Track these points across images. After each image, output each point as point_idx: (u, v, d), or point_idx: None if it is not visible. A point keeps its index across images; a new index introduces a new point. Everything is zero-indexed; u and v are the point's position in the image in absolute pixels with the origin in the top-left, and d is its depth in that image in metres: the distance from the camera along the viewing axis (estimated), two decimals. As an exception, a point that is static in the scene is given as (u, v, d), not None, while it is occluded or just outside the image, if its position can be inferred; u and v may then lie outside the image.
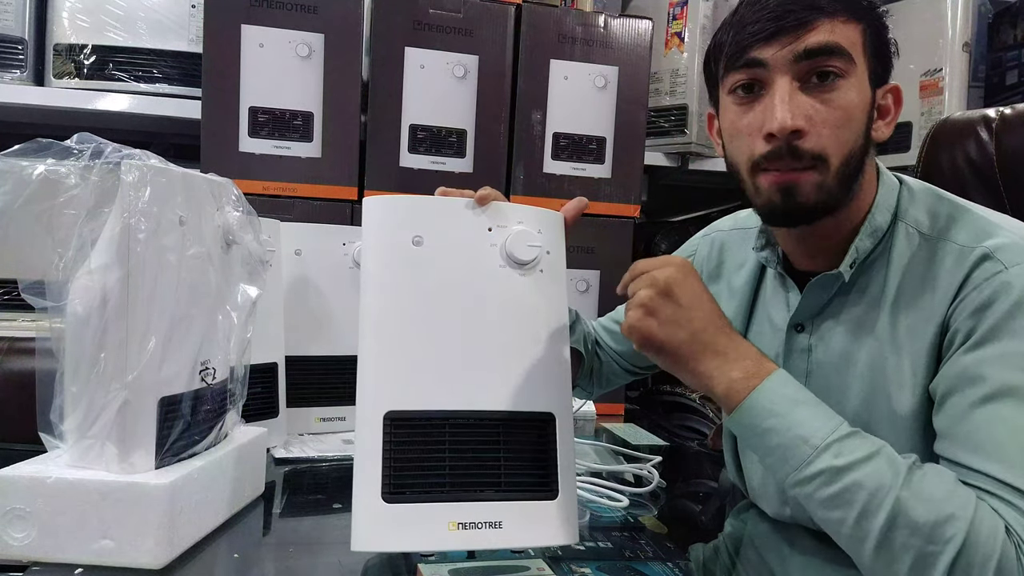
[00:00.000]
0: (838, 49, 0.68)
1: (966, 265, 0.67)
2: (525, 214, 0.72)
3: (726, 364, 0.66)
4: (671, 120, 1.75)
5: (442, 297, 0.67)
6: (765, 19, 0.69)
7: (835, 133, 0.69)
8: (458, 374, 0.67)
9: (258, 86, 1.38)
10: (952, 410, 0.65)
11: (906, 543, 0.59)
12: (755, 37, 0.69)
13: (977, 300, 0.66)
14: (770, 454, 0.65)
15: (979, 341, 0.65)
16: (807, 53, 0.68)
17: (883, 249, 0.74)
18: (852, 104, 0.69)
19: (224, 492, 0.75)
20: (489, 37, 1.49)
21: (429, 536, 0.63)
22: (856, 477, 0.61)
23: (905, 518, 0.59)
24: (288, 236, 1.09)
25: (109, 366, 0.64)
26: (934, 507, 0.59)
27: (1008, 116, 0.99)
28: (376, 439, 0.63)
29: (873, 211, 0.74)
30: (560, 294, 0.72)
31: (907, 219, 0.74)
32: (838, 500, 0.61)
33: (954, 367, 0.66)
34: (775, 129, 0.68)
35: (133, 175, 0.65)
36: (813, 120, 0.68)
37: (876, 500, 0.60)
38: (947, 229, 0.71)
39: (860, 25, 0.70)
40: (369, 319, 0.66)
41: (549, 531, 0.67)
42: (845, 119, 0.69)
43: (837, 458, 0.62)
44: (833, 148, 0.69)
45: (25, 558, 0.64)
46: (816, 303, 0.77)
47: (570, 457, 0.69)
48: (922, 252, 0.71)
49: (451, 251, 0.69)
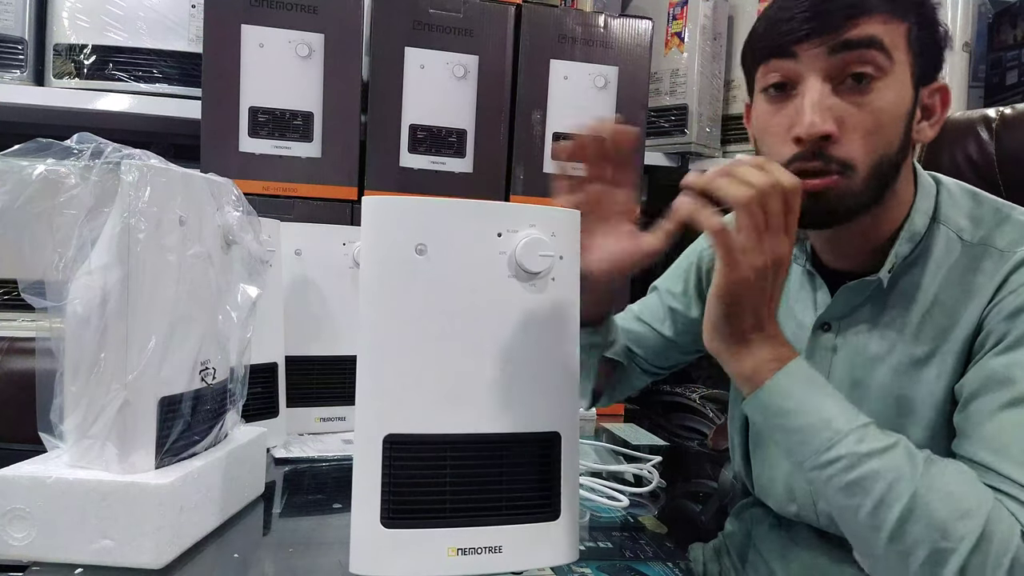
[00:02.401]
0: (877, 43, 0.66)
1: (1005, 268, 0.66)
2: (538, 215, 0.68)
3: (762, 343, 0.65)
4: (671, 120, 1.75)
5: (446, 312, 0.65)
6: (801, 16, 0.67)
7: (866, 139, 0.67)
8: (461, 394, 0.65)
9: (258, 86, 1.38)
10: (977, 411, 0.64)
11: (921, 537, 0.58)
12: (790, 35, 0.67)
13: (1013, 304, 0.65)
14: (791, 435, 0.64)
15: (1011, 345, 0.64)
16: (845, 44, 0.65)
17: (920, 252, 0.72)
18: (888, 107, 0.67)
19: (224, 492, 0.75)
20: (489, 37, 1.49)
21: (428, 562, 0.63)
22: (875, 465, 0.60)
23: (922, 511, 0.58)
24: (288, 236, 1.09)
25: (109, 366, 0.64)
26: (951, 502, 0.58)
27: (1008, 116, 0.98)
28: (375, 462, 0.62)
29: (912, 215, 0.72)
30: (572, 304, 0.69)
31: (947, 223, 0.72)
32: (856, 487, 0.60)
33: (983, 369, 0.65)
34: (803, 133, 0.66)
35: (133, 175, 0.65)
36: (844, 124, 0.66)
37: (894, 491, 0.59)
38: (989, 235, 0.69)
39: (904, 24, 0.67)
40: (369, 335, 0.64)
41: (550, 552, 0.66)
42: (878, 124, 0.67)
43: (860, 444, 0.60)
44: (862, 155, 0.67)
45: (25, 558, 0.64)
46: (848, 305, 0.75)
47: (574, 474, 0.68)
48: (963, 259, 0.70)
49: (456, 261, 0.65)
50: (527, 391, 0.67)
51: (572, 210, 0.71)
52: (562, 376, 0.68)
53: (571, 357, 0.69)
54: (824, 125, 0.66)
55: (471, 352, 0.65)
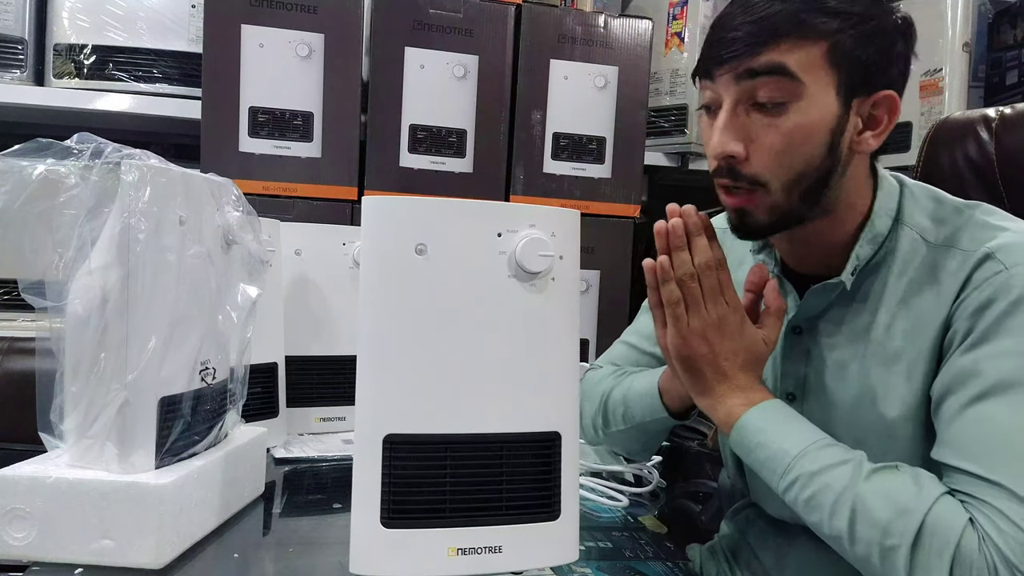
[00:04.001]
0: (781, 69, 0.67)
1: (968, 266, 0.68)
2: (538, 215, 0.68)
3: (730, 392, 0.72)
4: (671, 120, 1.75)
5: (446, 312, 0.65)
6: (720, 41, 0.70)
7: (777, 157, 0.69)
8: (461, 394, 0.65)
9: (258, 86, 1.38)
10: (947, 411, 0.66)
11: (869, 538, 0.62)
12: (709, 60, 0.71)
13: (977, 300, 0.66)
14: (761, 467, 0.70)
15: (977, 340, 0.65)
16: (748, 72, 0.68)
17: (885, 254, 0.74)
18: (801, 127, 0.68)
19: (224, 492, 0.75)
20: (489, 37, 1.49)
21: (428, 562, 0.63)
22: (825, 480, 0.65)
23: (864, 514, 0.62)
24: (288, 236, 1.09)
25: (109, 366, 0.64)
26: (889, 502, 0.62)
27: (1008, 116, 0.98)
28: (375, 462, 0.62)
29: (873, 217, 0.73)
30: (572, 303, 0.69)
31: (911, 224, 0.73)
32: (813, 503, 0.65)
33: (952, 368, 0.66)
34: (711, 154, 0.72)
35: (133, 175, 0.65)
36: (754, 144, 0.70)
37: (841, 500, 0.63)
38: (952, 236, 0.71)
39: (821, 43, 0.67)
40: (369, 335, 0.64)
41: (550, 552, 0.66)
42: (789, 143, 0.69)
43: (812, 464, 0.66)
44: (772, 173, 0.70)
45: (25, 558, 0.64)
46: (815, 308, 0.77)
47: (574, 474, 0.68)
48: (927, 260, 0.71)
49: (456, 261, 0.65)
50: (527, 391, 0.67)
51: (572, 210, 0.71)
52: (562, 376, 0.68)
53: (571, 357, 0.69)
54: (726, 147, 0.70)
55: (471, 352, 0.65)
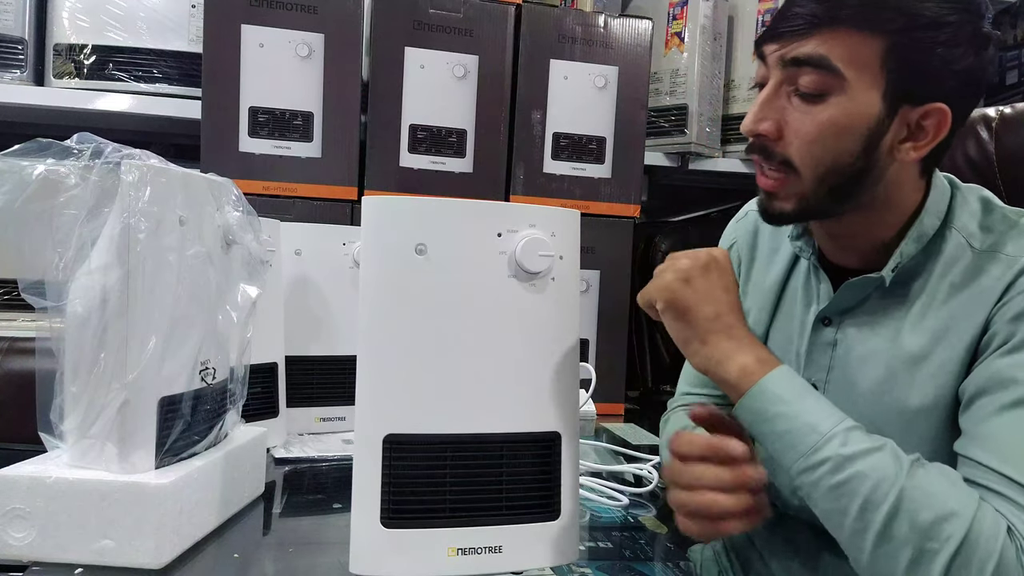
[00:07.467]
0: (823, 63, 0.66)
1: (1012, 272, 0.67)
2: (538, 215, 0.68)
3: (740, 349, 0.68)
4: (671, 120, 1.75)
5: (446, 312, 0.65)
6: (782, 14, 0.70)
7: (808, 147, 0.69)
8: (461, 394, 0.65)
9: (258, 86, 1.38)
10: (979, 410, 0.65)
11: (906, 537, 0.59)
12: (766, 33, 0.71)
13: (1019, 306, 0.66)
14: (778, 440, 0.65)
15: (1016, 346, 0.65)
16: (793, 60, 0.68)
17: (929, 255, 0.72)
18: (836, 121, 0.67)
19: (224, 492, 0.75)
20: (489, 37, 1.49)
21: (428, 562, 0.63)
22: (861, 467, 0.61)
23: (907, 512, 0.59)
24: (288, 236, 1.09)
25: (109, 366, 0.64)
26: (936, 503, 0.59)
27: (1008, 116, 0.98)
28: (375, 462, 0.62)
29: (922, 216, 0.72)
30: (572, 303, 0.69)
31: (959, 228, 0.72)
32: (843, 489, 0.61)
33: (987, 370, 0.66)
34: (743, 129, 0.72)
35: (133, 175, 0.65)
36: (787, 128, 0.69)
37: (880, 491, 0.60)
38: (998, 242, 0.70)
39: (880, 38, 0.66)
40: (368, 335, 0.64)
41: (550, 552, 0.66)
42: (820, 135, 0.68)
43: (844, 447, 0.62)
44: (803, 160, 0.69)
45: (25, 558, 0.64)
46: (849, 301, 0.76)
47: (574, 474, 0.68)
48: (971, 265, 0.70)
49: (456, 260, 0.65)
50: (527, 391, 0.67)
51: (572, 210, 0.72)
52: (562, 376, 0.68)
53: (571, 357, 0.69)
54: (758, 125, 0.70)
55: (471, 352, 0.65)
